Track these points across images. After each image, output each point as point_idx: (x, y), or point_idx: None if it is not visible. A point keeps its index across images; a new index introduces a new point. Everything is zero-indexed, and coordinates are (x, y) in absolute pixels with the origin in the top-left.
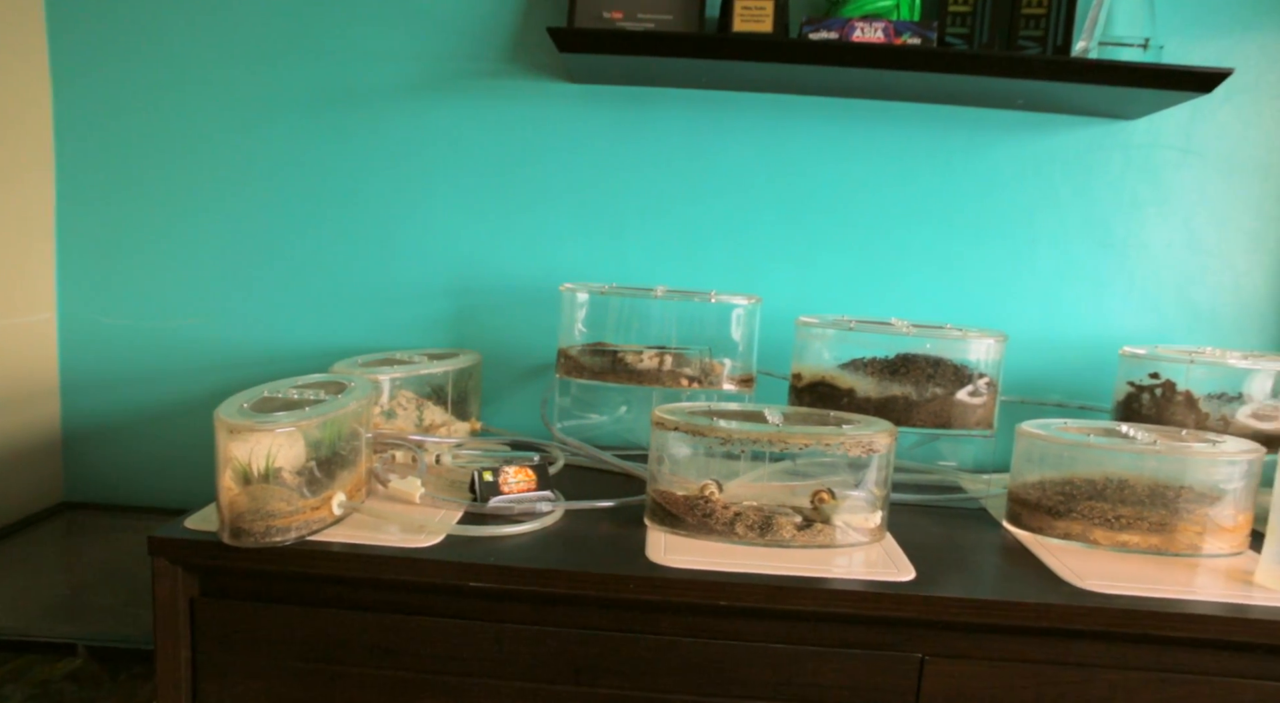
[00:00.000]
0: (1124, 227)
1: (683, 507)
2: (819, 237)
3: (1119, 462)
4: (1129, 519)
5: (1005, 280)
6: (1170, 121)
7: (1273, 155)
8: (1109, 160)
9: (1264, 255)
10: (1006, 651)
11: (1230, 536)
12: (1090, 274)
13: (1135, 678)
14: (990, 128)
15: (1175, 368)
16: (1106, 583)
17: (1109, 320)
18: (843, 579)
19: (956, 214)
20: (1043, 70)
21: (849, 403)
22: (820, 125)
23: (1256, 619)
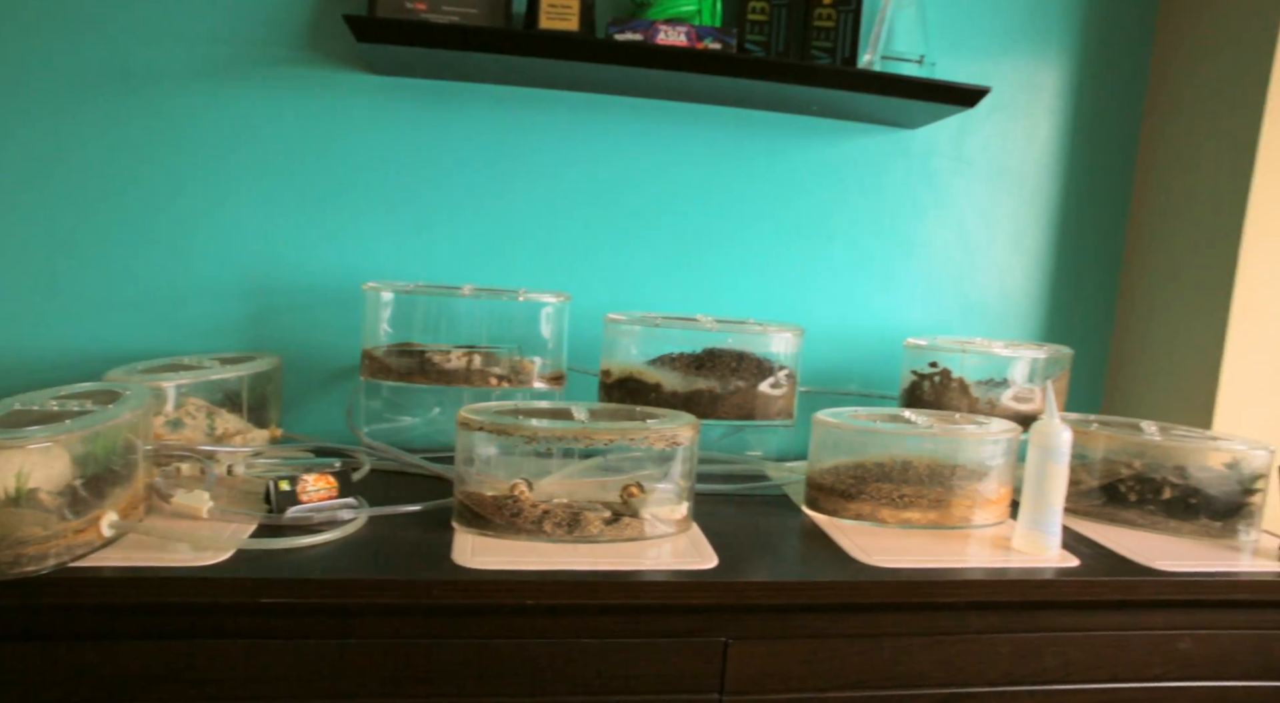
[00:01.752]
0: (909, 227)
1: (491, 507)
2: (629, 235)
3: (902, 445)
4: (911, 498)
5: (804, 277)
6: (944, 132)
7: (1027, 165)
8: (895, 166)
9: (1023, 255)
10: (804, 628)
11: (995, 507)
12: (881, 271)
13: (915, 642)
14: (789, 132)
15: (951, 357)
16: (891, 558)
17: (897, 314)
18: (648, 571)
19: (759, 213)
20: (832, 79)
21: (656, 398)
22: (629, 125)
23: (1013, 580)
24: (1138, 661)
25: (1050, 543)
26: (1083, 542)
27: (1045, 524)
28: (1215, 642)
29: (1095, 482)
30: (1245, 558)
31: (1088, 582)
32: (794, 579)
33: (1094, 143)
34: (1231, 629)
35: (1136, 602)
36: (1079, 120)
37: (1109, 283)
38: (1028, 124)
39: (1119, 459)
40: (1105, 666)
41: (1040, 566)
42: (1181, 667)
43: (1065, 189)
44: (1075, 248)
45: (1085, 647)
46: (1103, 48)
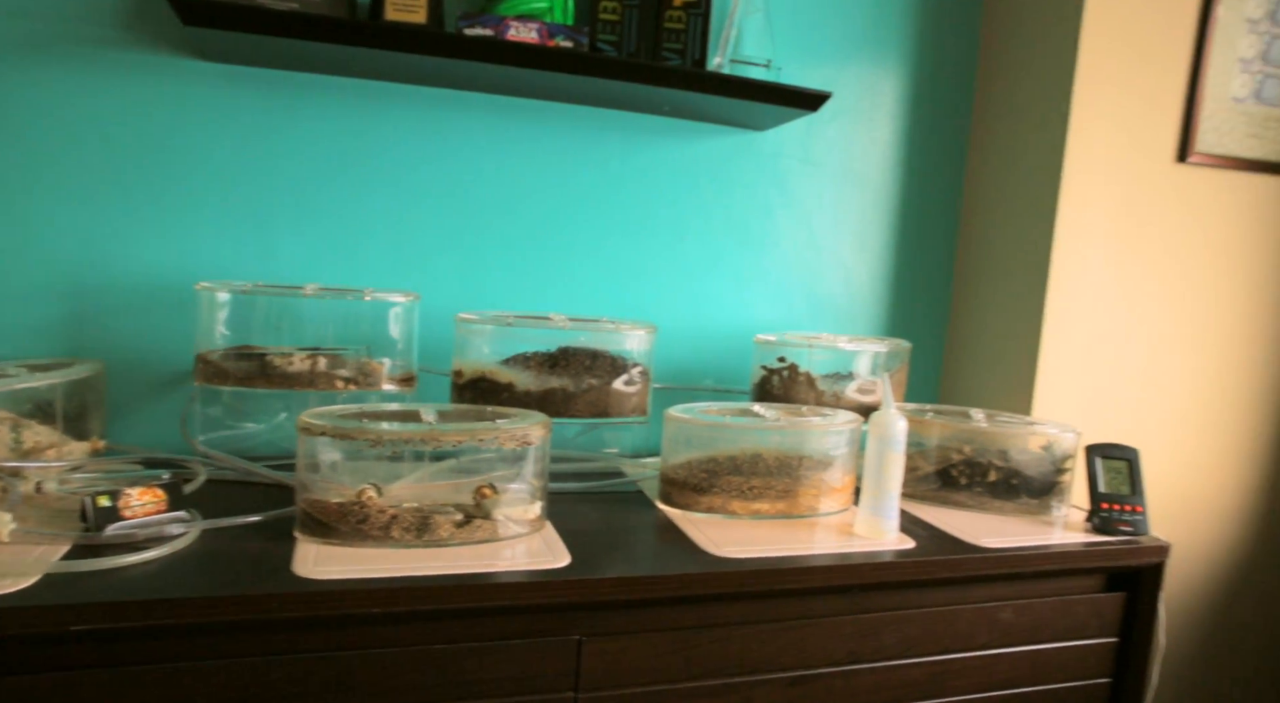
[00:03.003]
0: (759, 226)
1: (336, 515)
2: (481, 233)
3: (751, 439)
4: (760, 490)
5: (658, 275)
6: (792, 135)
7: (869, 167)
8: (745, 166)
9: (867, 253)
10: (656, 622)
11: (839, 495)
12: (732, 269)
13: (765, 630)
14: (643, 132)
15: (799, 352)
16: (740, 549)
17: (749, 311)
18: (499, 572)
19: (613, 212)
20: (683, 80)
21: (509, 397)
22: (483, 122)
23: (855, 565)
24: (966, 632)
25: (889, 527)
26: (919, 524)
27: (884, 510)
28: (1031, 610)
29: (931, 467)
30: (1057, 531)
31: (922, 562)
32: (646, 574)
33: (929, 148)
34: (1044, 597)
35: (965, 578)
36: (915, 126)
37: (944, 280)
38: (869, 128)
39: (951, 446)
40: (938, 639)
41: (880, 549)
42: (1003, 635)
43: (904, 190)
44: (914, 247)
45: (920, 623)
46: (935, 60)
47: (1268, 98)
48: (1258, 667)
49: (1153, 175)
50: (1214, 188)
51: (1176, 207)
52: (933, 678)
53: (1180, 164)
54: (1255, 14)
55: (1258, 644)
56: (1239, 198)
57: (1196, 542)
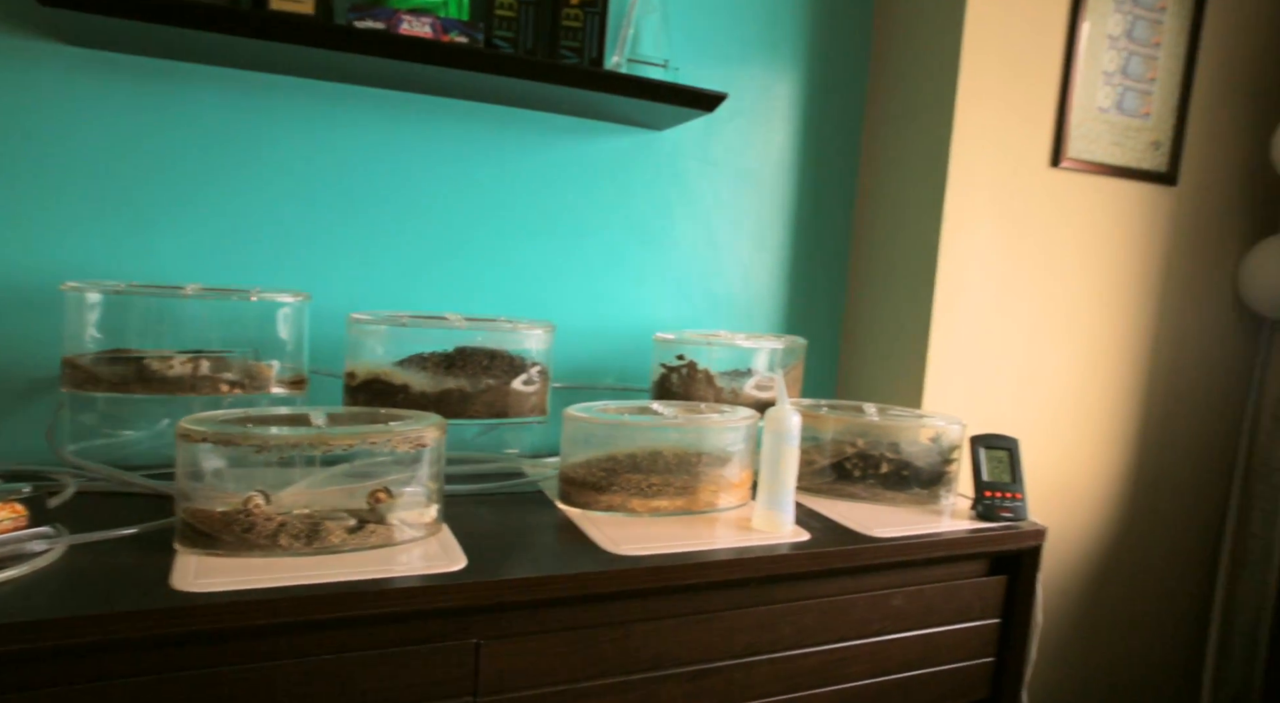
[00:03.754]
0: (659, 225)
1: (219, 524)
2: (375, 231)
3: (650, 436)
4: (659, 487)
5: (557, 274)
6: (690, 135)
7: (766, 168)
8: (644, 166)
9: (764, 252)
10: (555, 622)
11: (737, 490)
12: (632, 268)
13: (664, 625)
14: (541, 130)
15: (698, 350)
16: (639, 546)
17: (649, 309)
18: (392, 578)
19: (511, 210)
20: (580, 79)
21: (405, 399)
22: (377, 117)
23: (752, 558)
24: (860, 620)
25: (785, 521)
26: (815, 517)
27: (780, 503)
28: (921, 595)
29: (826, 461)
30: (945, 519)
31: (816, 554)
32: (543, 575)
33: (824, 149)
34: (932, 583)
35: (858, 568)
36: (810, 128)
37: (839, 278)
38: (766, 129)
39: (845, 439)
40: (833, 628)
41: (777, 542)
42: (896, 621)
43: (800, 191)
44: (810, 246)
45: (816, 613)
46: (828, 65)
47: (1127, 109)
48: (1127, 640)
49: (1029, 179)
50: (1083, 191)
51: (1050, 208)
52: (828, 666)
53: (1054, 169)
54: (1115, 31)
55: (1128, 616)
56: (1104, 200)
57: (1072, 524)
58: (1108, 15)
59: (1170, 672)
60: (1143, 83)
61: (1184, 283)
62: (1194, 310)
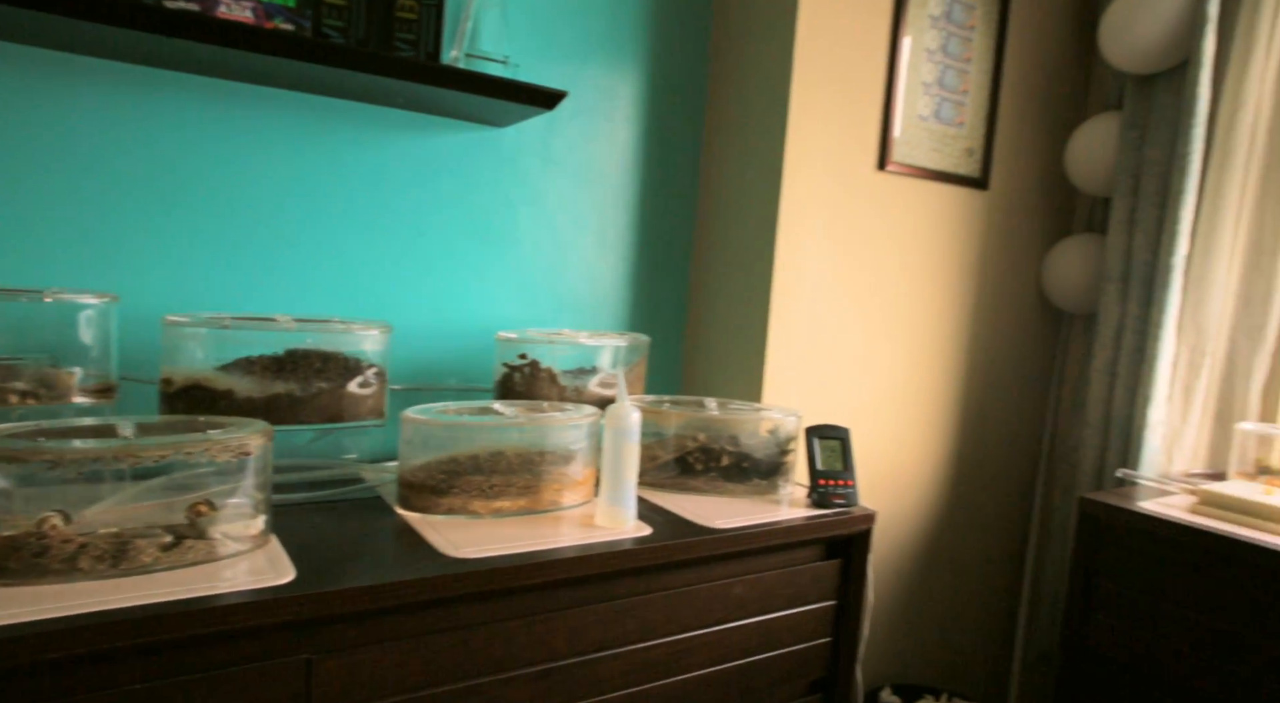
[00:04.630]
0: (502, 223)
1: (5, 550)
2: (197, 228)
3: (491, 437)
4: (501, 487)
5: (396, 273)
6: (533, 133)
7: (608, 166)
8: (486, 163)
9: (609, 251)
10: (393, 631)
11: (581, 488)
12: (475, 266)
13: (508, 627)
14: (378, 125)
15: (541, 348)
16: (480, 548)
17: (493, 308)
18: (207, 596)
19: (346, 207)
20: (417, 73)
21: (228, 405)
22: (196, 105)
23: (595, 555)
24: (702, 610)
25: (628, 516)
26: (657, 511)
27: (622, 499)
28: (761, 583)
29: (669, 455)
30: (783, 508)
31: (658, 547)
32: (376, 583)
33: (666, 150)
34: (772, 570)
35: (699, 559)
36: (653, 128)
37: (683, 276)
38: (609, 128)
39: (687, 434)
40: (677, 619)
41: (619, 538)
42: (737, 609)
43: (644, 190)
44: (655, 244)
45: (660, 606)
46: (669, 67)
47: (944, 117)
48: (951, 610)
49: (858, 182)
50: (906, 193)
51: (878, 209)
52: (673, 657)
53: (880, 172)
54: (932, 46)
55: (952, 588)
56: (926, 202)
57: (901, 507)
58: (925, 30)
59: (989, 636)
60: (957, 94)
61: (996, 280)
62: (1004, 305)
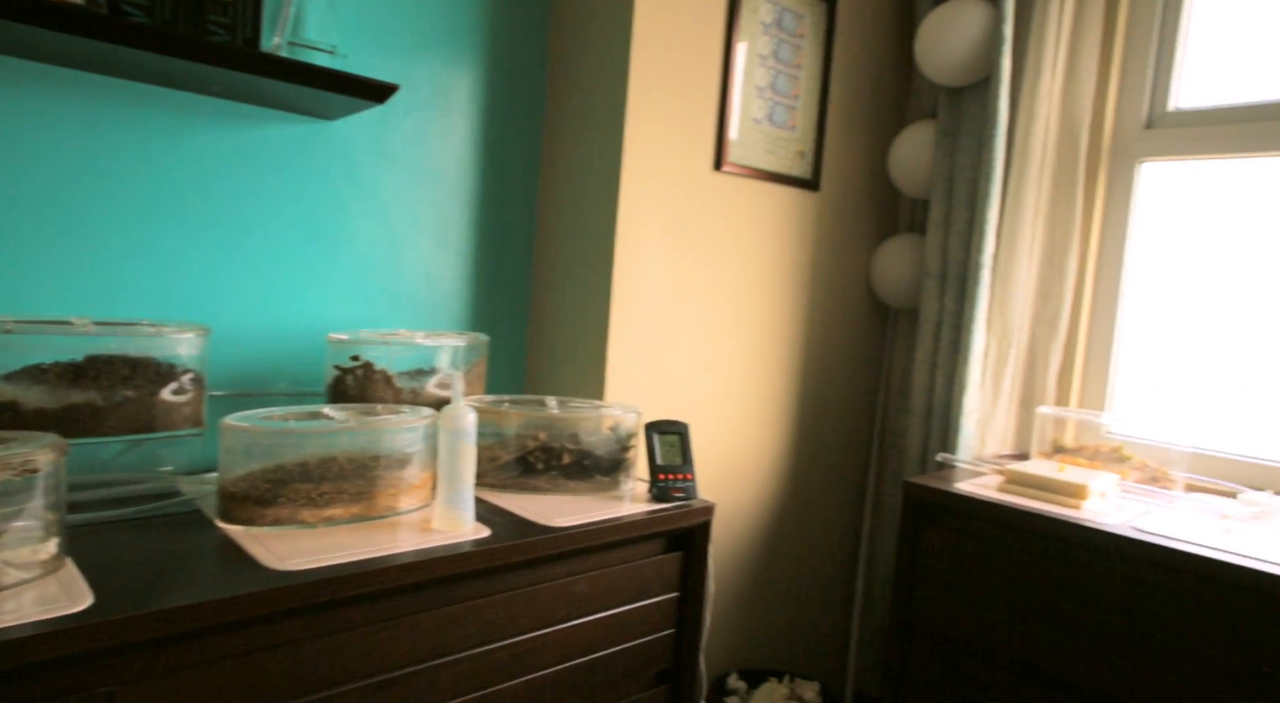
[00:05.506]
0: (333, 220)
1: None
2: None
3: (320, 442)
4: (332, 494)
5: (217, 272)
6: (365, 127)
7: (446, 162)
8: (315, 157)
9: (448, 249)
10: (209, 653)
11: (418, 492)
12: (304, 265)
13: (340, 639)
14: (192, 113)
15: (375, 350)
16: (309, 559)
17: (325, 308)
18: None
19: (157, 202)
20: (234, 60)
21: (14, 418)
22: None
23: (431, 560)
24: (545, 609)
25: (466, 518)
26: (497, 512)
27: (459, 501)
28: (603, 579)
29: (510, 456)
30: (625, 504)
31: (497, 549)
32: (187, 604)
33: (506, 147)
34: (613, 566)
35: (540, 558)
36: (492, 126)
37: (524, 275)
38: (445, 125)
39: (527, 433)
40: (520, 620)
41: (457, 541)
42: (581, 606)
43: (483, 188)
44: (495, 243)
45: (501, 608)
46: (508, 64)
47: (777, 121)
48: (792, 595)
49: (695, 182)
50: (743, 193)
51: (715, 209)
52: (517, 658)
53: (717, 172)
54: (765, 51)
55: (793, 574)
56: (761, 202)
57: (743, 498)
58: (758, 36)
59: (829, 617)
60: (788, 98)
61: (827, 277)
62: (836, 302)
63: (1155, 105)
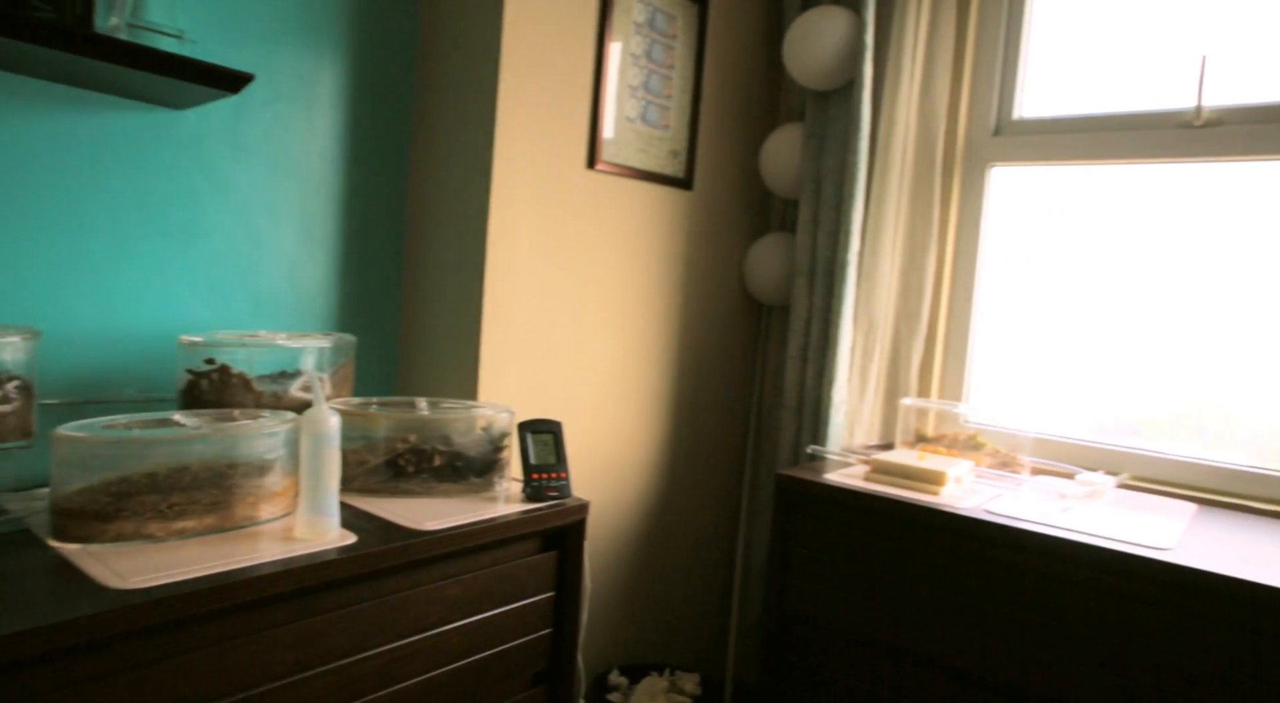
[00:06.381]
0: (185, 216)
1: None
2: None
3: (169, 451)
4: (183, 506)
5: (51, 271)
6: (220, 117)
7: (312, 158)
8: (164, 149)
9: (314, 247)
10: (41, 684)
11: (280, 499)
12: (154, 264)
13: (189, 661)
14: (17, 97)
15: (232, 352)
16: (154, 576)
17: (178, 310)
18: None
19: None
20: (59, 40)
21: None
22: None
23: (292, 570)
24: (417, 615)
25: (330, 525)
26: (365, 518)
27: (324, 508)
28: (477, 581)
29: (379, 459)
30: (499, 505)
31: (363, 555)
32: (15, 630)
33: (375, 143)
34: (487, 568)
35: (410, 563)
36: (359, 121)
37: (396, 274)
38: (308, 117)
39: (397, 436)
40: (391, 627)
41: (321, 549)
42: (454, 610)
43: (351, 185)
44: (365, 242)
45: (371, 616)
46: (375, 58)
47: (650, 120)
48: (672, 589)
49: (569, 180)
50: (616, 192)
51: (589, 207)
52: (388, 666)
53: (590, 170)
54: (638, 51)
55: (673, 568)
56: (635, 201)
57: (621, 495)
58: (631, 36)
59: (708, 609)
60: (661, 98)
61: (702, 275)
62: (711, 299)
63: (1002, 114)
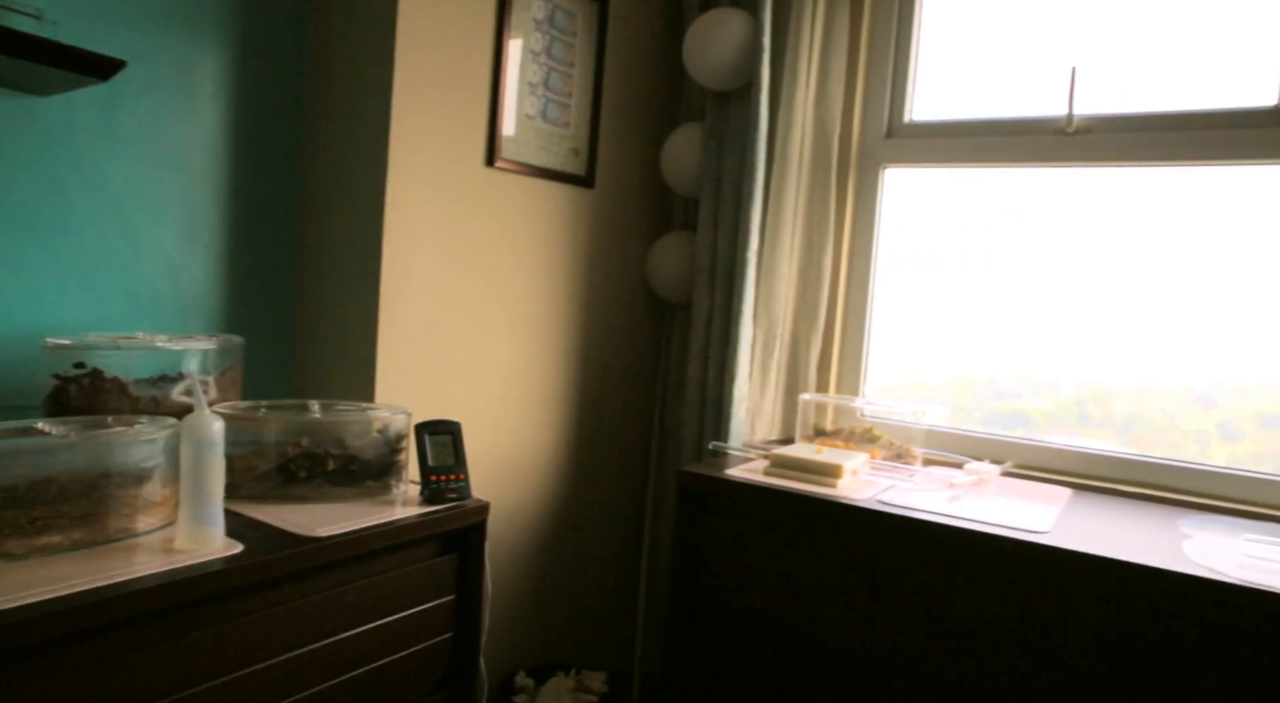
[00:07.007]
0: (51, 212)
1: None
2: None
3: (30, 462)
4: (48, 520)
5: None
6: (88, 106)
7: (193, 150)
8: (24, 138)
9: (198, 245)
10: None
11: (159, 510)
12: (13, 261)
13: (56, 688)
14: None
15: (106, 355)
16: (10, 598)
17: (44, 312)
18: None
19: None
20: None
21: None
22: None
23: (172, 582)
24: (313, 624)
25: (214, 535)
26: (253, 526)
27: (207, 517)
28: (373, 587)
29: (269, 465)
30: (397, 508)
31: (249, 565)
32: None
33: (265, 138)
34: (385, 573)
35: (302, 570)
36: (247, 114)
37: (288, 274)
38: (189, 108)
39: (288, 440)
40: (284, 638)
41: (204, 560)
42: (350, 618)
43: (239, 181)
44: (254, 240)
45: (262, 626)
46: (263, 49)
47: (550, 118)
48: (577, 589)
49: (467, 178)
50: (516, 190)
51: (488, 206)
52: (280, 679)
53: (489, 168)
54: (537, 48)
55: (578, 569)
56: (536, 199)
57: (524, 495)
58: (530, 32)
59: (615, 608)
60: (562, 96)
61: (605, 274)
62: (614, 297)
63: (894, 117)
